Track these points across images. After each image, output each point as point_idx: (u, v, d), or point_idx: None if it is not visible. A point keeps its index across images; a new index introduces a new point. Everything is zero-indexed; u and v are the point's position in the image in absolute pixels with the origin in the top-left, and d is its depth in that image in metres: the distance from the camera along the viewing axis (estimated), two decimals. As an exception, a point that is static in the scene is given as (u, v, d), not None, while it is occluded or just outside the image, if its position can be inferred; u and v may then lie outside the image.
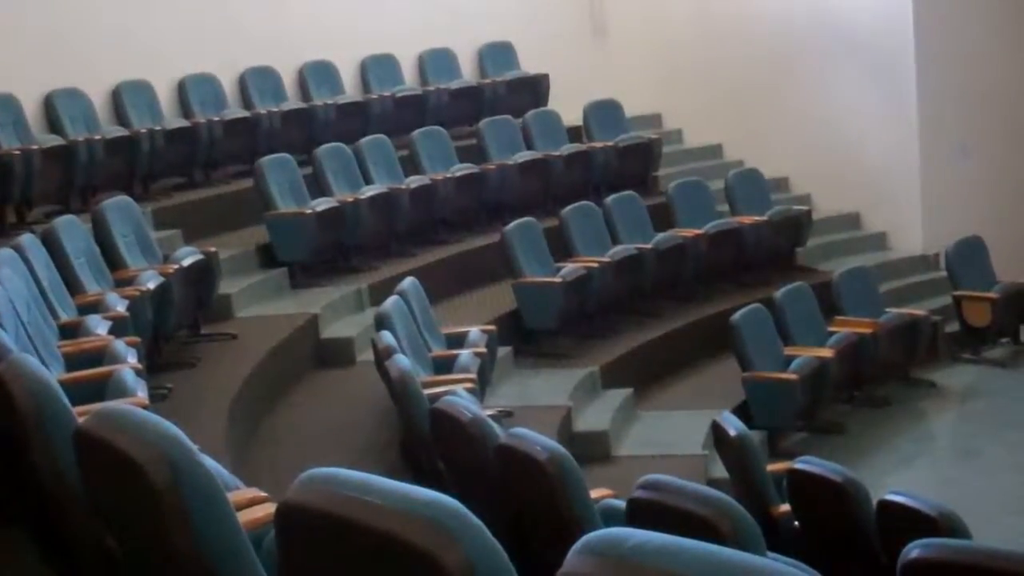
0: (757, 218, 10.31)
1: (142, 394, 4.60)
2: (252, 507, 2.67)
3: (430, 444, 5.34)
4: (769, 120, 12.02)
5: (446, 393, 5.59)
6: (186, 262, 6.95)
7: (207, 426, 5.37)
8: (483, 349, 7.12)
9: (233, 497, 2.54)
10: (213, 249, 7.38)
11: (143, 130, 8.84)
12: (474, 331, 7.45)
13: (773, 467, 5.83)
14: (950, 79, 11.14)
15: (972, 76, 11.21)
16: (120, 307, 5.95)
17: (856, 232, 11.71)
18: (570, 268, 8.78)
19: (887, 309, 9.56)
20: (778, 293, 9.00)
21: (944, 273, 10.58)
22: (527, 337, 8.68)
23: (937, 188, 11.25)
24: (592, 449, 7.20)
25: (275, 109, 9.91)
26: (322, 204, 8.61)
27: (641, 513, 3.78)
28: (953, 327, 10.27)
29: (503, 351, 8.07)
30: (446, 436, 5.06)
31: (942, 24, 11.07)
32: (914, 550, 3.67)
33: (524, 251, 8.86)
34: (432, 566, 1.70)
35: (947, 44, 11.08)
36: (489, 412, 5.97)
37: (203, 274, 7.13)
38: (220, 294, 7.48)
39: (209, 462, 2.45)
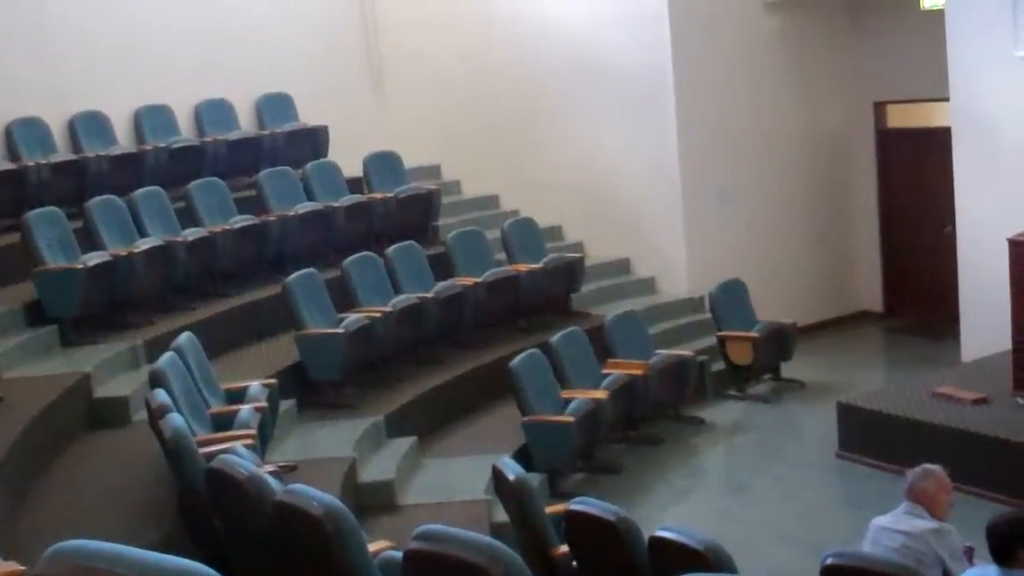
0: (533, 265, 10.57)
1: None
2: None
3: (206, 504, 5.26)
4: (542, 171, 12.39)
5: (224, 451, 5.53)
6: (-56, 324, 6.63)
7: (-32, 497, 5.13)
8: (263, 403, 7.04)
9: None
10: (-25, 309, 7.08)
11: None
12: (254, 385, 7.36)
13: (552, 508, 5.94)
14: (708, 128, 11.66)
15: (727, 125, 11.77)
16: None
17: (626, 277, 12.09)
18: (353, 318, 8.81)
19: (657, 350, 9.96)
20: (554, 338, 9.23)
21: (709, 315, 11.07)
22: (311, 389, 8.65)
23: (700, 234, 11.75)
24: (377, 499, 7.25)
25: (43, 161, 9.58)
26: (94, 258, 8.37)
27: (417, 564, 3.84)
28: (719, 366, 10.75)
29: (286, 404, 8.02)
30: (223, 495, 5.00)
31: (698, 77, 11.56)
32: (673, 584, 3.88)
33: (306, 302, 8.84)
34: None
35: (703, 96, 11.60)
36: (269, 468, 5.93)
37: (-36, 336, 6.81)
38: (-16, 355, 7.17)
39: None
